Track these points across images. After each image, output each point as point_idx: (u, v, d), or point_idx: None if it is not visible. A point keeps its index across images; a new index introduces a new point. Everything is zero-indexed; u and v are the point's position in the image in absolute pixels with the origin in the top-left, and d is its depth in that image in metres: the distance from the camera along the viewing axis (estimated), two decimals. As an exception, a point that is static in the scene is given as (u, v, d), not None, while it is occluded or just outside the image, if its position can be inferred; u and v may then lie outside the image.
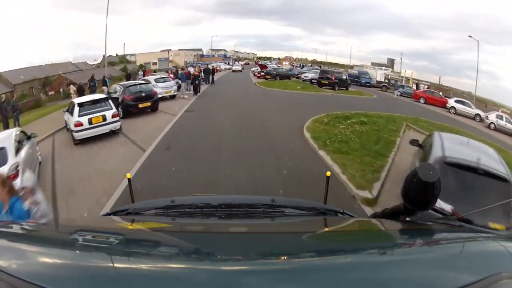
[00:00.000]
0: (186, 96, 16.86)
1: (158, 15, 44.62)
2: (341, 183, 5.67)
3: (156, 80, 15.70)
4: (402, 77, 34.40)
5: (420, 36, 35.93)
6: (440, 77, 32.00)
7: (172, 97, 15.83)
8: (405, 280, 0.62)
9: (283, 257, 0.76)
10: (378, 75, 33.95)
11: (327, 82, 23.23)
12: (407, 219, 1.06)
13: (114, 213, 1.32)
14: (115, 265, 0.67)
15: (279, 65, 39.91)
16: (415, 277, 0.63)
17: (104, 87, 17.80)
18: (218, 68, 36.78)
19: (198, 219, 1.19)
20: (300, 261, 0.73)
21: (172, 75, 18.60)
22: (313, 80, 25.53)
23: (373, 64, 38.74)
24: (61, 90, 23.90)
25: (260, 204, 1.25)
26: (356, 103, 16.19)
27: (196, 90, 17.29)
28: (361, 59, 40.69)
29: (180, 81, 17.81)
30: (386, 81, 31.89)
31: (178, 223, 1.17)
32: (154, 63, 36.13)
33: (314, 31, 53.91)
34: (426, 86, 30.21)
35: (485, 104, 24.06)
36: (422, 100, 22.37)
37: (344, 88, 23.18)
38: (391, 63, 37.49)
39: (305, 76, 29.25)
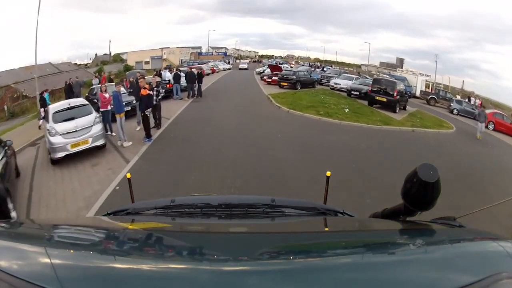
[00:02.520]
0: (126, 144, 8.24)
1: (159, 14, 43.74)
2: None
3: (55, 116, 7.65)
4: (439, 84, 30.14)
5: (422, 34, 35.32)
6: (449, 77, 29.01)
7: (100, 147, 7.82)
8: (405, 280, 0.61)
9: (283, 257, 0.76)
10: (419, 83, 27.72)
11: (385, 100, 15.40)
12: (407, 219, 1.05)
13: (114, 213, 1.30)
14: (115, 265, 0.68)
15: (291, 66, 32.46)
16: (415, 277, 0.62)
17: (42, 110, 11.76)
18: (215, 68, 31.71)
19: (198, 219, 1.18)
20: (300, 261, 0.72)
21: (123, 88, 9.62)
22: (353, 92, 18.27)
23: (382, 64, 37.31)
24: (5, 107, 18.17)
25: (260, 204, 1.23)
26: (461, 158, 9.47)
27: (147, 129, 8.46)
28: (363, 58, 39.19)
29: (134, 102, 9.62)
30: (433, 91, 26.33)
31: (178, 223, 1.17)
32: (147, 62, 33.88)
33: (316, 29, 53.14)
34: (478, 101, 25.51)
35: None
36: (490, 126, 17.05)
37: (403, 108, 16.56)
38: (400, 62, 35.97)
39: (335, 84, 20.45)
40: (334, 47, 48.40)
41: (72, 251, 0.75)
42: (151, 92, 8.25)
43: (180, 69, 17.60)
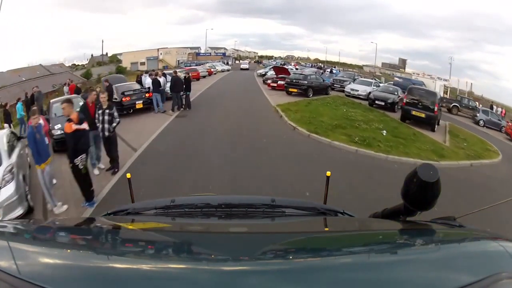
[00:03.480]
0: (59, 209, 4.95)
1: (158, 14, 44.21)
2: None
3: None
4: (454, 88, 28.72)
5: (422, 35, 35.97)
6: (458, 79, 28.20)
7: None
8: (405, 280, 0.61)
9: (283, 257, 0.76)
10: (437, 88, 25.58)
11: (423, 116, 12.32)
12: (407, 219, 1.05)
13: (114, 213, 1.29)
14: (115, 265, 0.68)
15: (295, 67, 29.73)
16: (415, 277, 0.62)
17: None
18: (212, 70, 28.68)
19: (198, 219, 1.18)
20: (300, 261, 0.72)
21: (41, 121, 5.62)
22: (377, 101, 15.04)
23: (384, 64, 36.63)
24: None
25: (260, 204, 1.23)
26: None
27: (84, 189, 4.85)
28: (362, 58, 39.31)
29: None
30: (455, 98, 23.63)
31: (178, 223, 1.16)
32: (142, 63, 32.87)
33: (316, 30, 54.11)
34: (500, 109, 23.48)
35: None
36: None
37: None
38: (402, 63, 35.37)
39: (352, 90, 17.16)
40: (334, 48, 49.61)
41: (72, 251, 0.76)
42: (82, 127, 4.69)
43: (165, 72, 14.01)
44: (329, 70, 30.71)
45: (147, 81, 11.99)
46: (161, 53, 35.12)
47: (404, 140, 9.34)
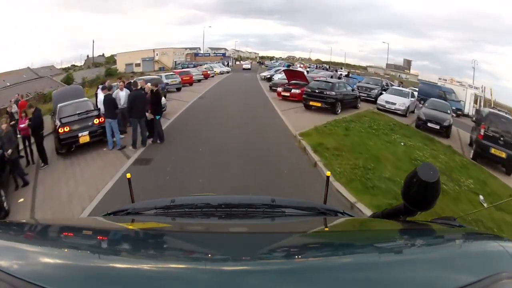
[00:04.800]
0: None
1: (158, 15, 44.61)
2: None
3: None
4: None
5: (422, 35, 36.09)
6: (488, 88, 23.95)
7: None
8: (405, 280, 0.61)
9: (283, 257, 0.76)
10: (468, 97, 22.17)
11: (503, 156, 9.20)
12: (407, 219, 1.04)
13: (114, 213, 1.29)
14: (115, 265, 0.67)
15: (306, 70, 24.84)
16: (415, 277, 0.62)
17: None
18: (209, 72, 25.24)
19: (198, 219, 1.17)
20: (300, 261, 0.72)
21: None
22: (430, 124, 11.45)
23: (389, 65, 35.10)
24: None
25: (260, 204, 1.22)
26: None
27: None
28: (363, 59, 39.10)
29: None
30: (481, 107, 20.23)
31: (178, 223, 1.16)
32: (138, 64, 31.50)
33: (316, 30, 53.93)
34: None
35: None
36: None
37: None
38: (407, 64, 34.18)
39: (388, 104, 13.34)
40: (334, 48, 48.35)
41: (72, 251, 0.75)
42: None
43: (130, 81, 9.24)
44: (342, 73, 26.15)
45: (100, 97, 7.82)
46: (157, 54, 33.29)
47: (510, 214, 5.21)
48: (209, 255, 0.73)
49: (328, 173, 1.67)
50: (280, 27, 59.72)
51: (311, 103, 11.65)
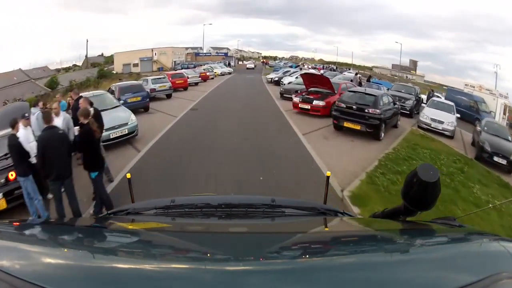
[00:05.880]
0: None
1: (160, 15, 43.94)
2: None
3: None
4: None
5: (424, 36, 35.69)
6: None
7: None
8: (405, 280, 0.61)
9: (283, 257, 0.75)
10: (498, 106, 20.46)
11: None
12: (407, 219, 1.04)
13: (114, 213, 1.29)
14: (115, 265, 0.67)
15: (319, 71, 23.16)
16: (415, 277, 0.62)
17: None
18: (208, 74, 22.95)
19: (198, 219, 1.18)
20: (300, 260, 0.72)
21: None
22: (496, 158, 8.42)
23: (394, 66, 34.40)
24: None
25: (260, 204, 1.22)
26: None
27: None
28: (365, 59, 38.75)
29: None
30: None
31: (178, 223, 1.16)
32: (135, 65, 30.82)
33: (318, 30, 54.39)
34: None
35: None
36: None
37: None
38: (413, 65, 33.85)
39: (434, 122, 10.64)
40: (335, 48, 47.69)
41: (72, 251, 0.75)
42: None
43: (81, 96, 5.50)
44: (360, 76, 22.04)
45: (21, 133, 4.09)
46: (155, 53, 32.24)
47: None
48: (209, 255, 0.73)
49: (328, 173, 1.72)
50: (282, 27, 60.27)
51: (345, 124, 8.22)
